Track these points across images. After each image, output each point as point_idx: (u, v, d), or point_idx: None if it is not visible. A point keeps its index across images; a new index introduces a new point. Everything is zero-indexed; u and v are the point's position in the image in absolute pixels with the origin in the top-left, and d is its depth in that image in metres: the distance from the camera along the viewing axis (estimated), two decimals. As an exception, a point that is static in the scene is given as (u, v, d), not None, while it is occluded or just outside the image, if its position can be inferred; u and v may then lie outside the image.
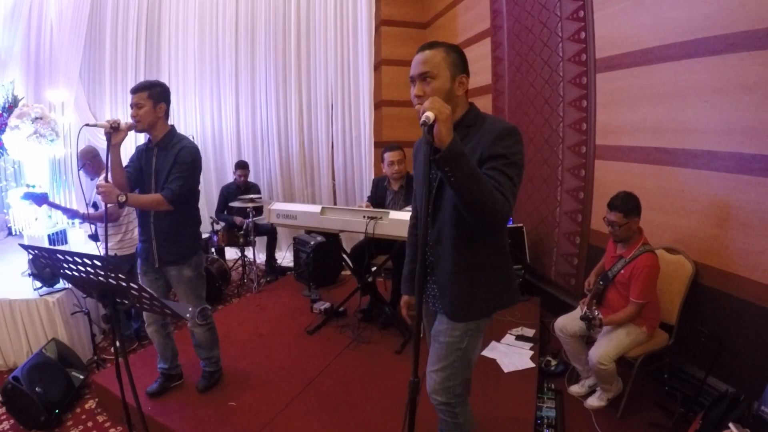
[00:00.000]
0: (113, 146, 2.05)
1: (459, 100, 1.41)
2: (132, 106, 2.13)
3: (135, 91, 2.13)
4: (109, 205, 2.95)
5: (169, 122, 2.29)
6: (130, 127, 2.07)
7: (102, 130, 2.02)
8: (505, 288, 1.51)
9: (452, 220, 1.41)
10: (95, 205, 3.14)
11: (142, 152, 2.27)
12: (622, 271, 2.29)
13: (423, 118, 1.12)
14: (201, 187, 5.93)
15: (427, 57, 1.35)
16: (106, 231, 2.31)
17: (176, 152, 2.16)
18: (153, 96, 2.13)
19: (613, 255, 2.41)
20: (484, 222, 1.26)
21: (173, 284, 2.31)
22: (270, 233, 4.66)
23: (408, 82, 1.42)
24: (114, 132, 2.01)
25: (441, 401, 1.53)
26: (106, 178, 2.04)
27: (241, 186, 4.69)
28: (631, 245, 2.32)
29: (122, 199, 2.01)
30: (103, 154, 2.22)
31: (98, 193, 1.99)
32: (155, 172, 2.20)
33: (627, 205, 2.25)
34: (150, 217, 2.21)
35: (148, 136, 2.24)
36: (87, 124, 2.15)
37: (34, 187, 3.13)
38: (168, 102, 2.21)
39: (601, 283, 2.40)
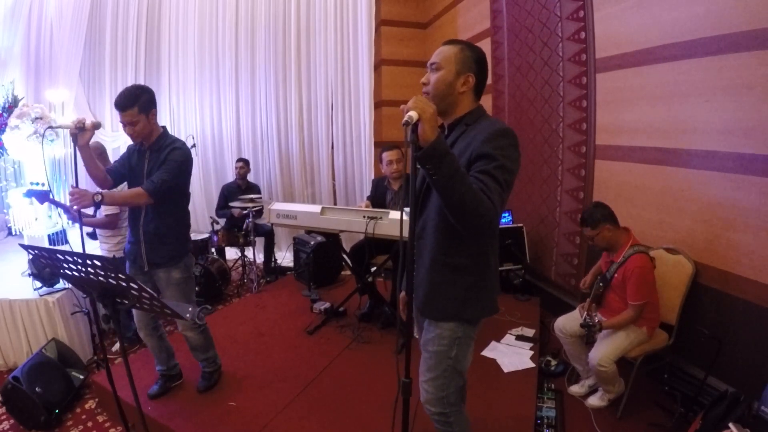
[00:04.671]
0: (81, 147, 1.94)
1: (461, 97, 1.41)
2: (124, 124, 2.05)
3: (123, 109, 2.00)
4: (108, 212, 2.95)
5: (167, 121, 2.26)
6: (95, 126, 1.97)
7: (104, 129, 1.99)
8: (479, 296, 1.43)
9: (436, 217, 1.39)
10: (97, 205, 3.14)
11: (133, 152, 2.23)
12: (616, 275, 2.31)
13: (405, 118, 1.13)
14: (201, 187, 5.94)
15: (442, 50, 1.41)
16: (95, 235, 2.25)
17: (167, 152, 2.13)
18: (143, 108, 2.04)
19: (606, 260, 2.44)
20: (467, 224, 1.23)
21: (161, 287, 2.26)
22: (267, 235, 4.66)
23: (408, 81, 1.43)
24: (80, 132, 1.91)
25: (435, 411, 1.51)
26: (76, 183, 1.95)
27: (242, 184, 4.70)
28: (619, 249, 2.34)
29: (98, 198, 1.93)
30: (111, 153, 2.17)
31: (71, 201, 1.89)
32: (147, 173, 2.16)
33: (592, 217, 2.33)
34: (140, 219, 2.18)
35: None
36: (51, 126, 2.06)
37: (37, 184, 3.12)
38: (155, 104, 2.14)
39: (600, 284, 2.40)
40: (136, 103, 2.02)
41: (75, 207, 1.91)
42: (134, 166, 2.21)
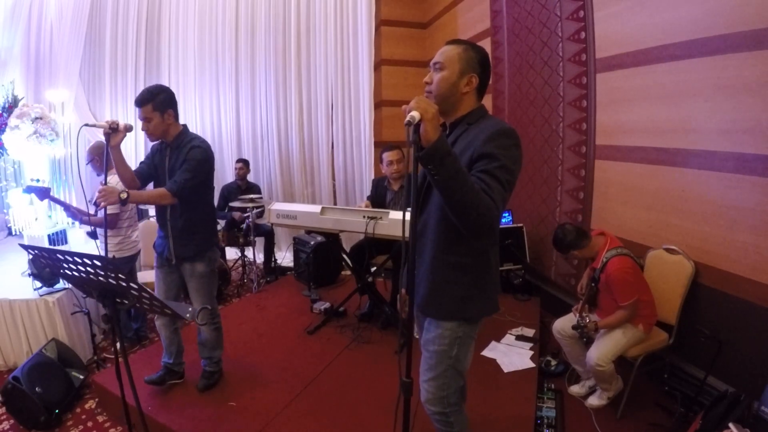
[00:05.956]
0: (113, 147, 2.05)
1: (464, 97, 1.41)
2: (141, 119, 2.13)
3: (140, 104, 2.11)
4: (108, 212, 2.95)
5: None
6: (128, 129, 2.06)
7: (101, 130, 2.02)
8: (479, 295, 1.43)
9: (437, 216, 1.40)
10: (97, 203, 3.14)
11: (156, 150, 2.30)
12: (600, 280, 2.34)
13: (408, 118, 1.13)
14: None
15: (445, 50, 1.41)
16: (105, 238, 2.30)
17: (187, 150, 2.18)
18: (158, 106, 2.12)
19: (590, 266, 2.50)
20: (468, 224, 1.23)
21: (186, 278, 2.33)
22: (267, 235, 4.66)
23: (408, 81, 1.43)
24: (113, 133, 2.00)
25: (436, 411, 1.51)
26: (104, 181, 2.03)
27: (242, 184, 4.70)
28: (596, 256, 2.37)
29: (124, 196, 2.00)
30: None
31: (99, 199, 1.96)
32: (169, 170, 2.22)
33: (558, 245, 2.44)
34: (167, 216, 2.24)
35: None
36: (86, 124, 2.14)
37: (38, 181, 3.12)
38: (174, 106, 2.20)
39: (593, 285, 2.41)
40: (152, 100, 2.11)
41: (102, 204, 1.97)
42: (157, 164, 2.27)
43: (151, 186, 2.34)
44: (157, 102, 2.12)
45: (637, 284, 2.27)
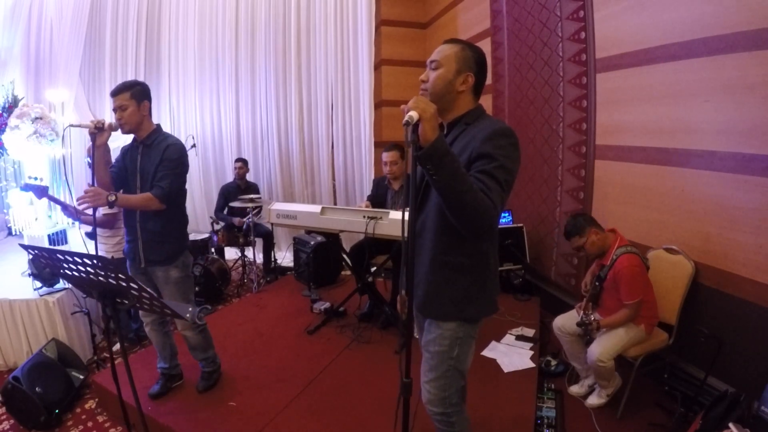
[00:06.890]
0: (98, 147, 2.00)
1: (460, 96, 1.41)
2: (115, 109, 2.09)
3: (116, 93, 2.09)
4: (106, 212, 2.94)
5: (167, 121, 2.27)
6: (112, 128, 2.03)
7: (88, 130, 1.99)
8: (479, 295, 1.43)
9: (436, 216, 1.39)
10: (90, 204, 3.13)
11: (127, 152, 2.23)
12: (607, 277, 2.33)
13: (406, 118, 1.13)
14: (201, 187, 5.94)
15: (442, 48, 1.42)
16: (95, 237, 2.26)
17: (163, 149, 2.13)
18: (135, 95, 2.09)
19: (597, 263, 2.47)
20: (467, 224, 1.23)
21: (160, 286, 2.25)
22: (266, 236, 4.66)
23: (408, 81, 1.43)
24: (98, 132, 1.98)
25: (437, 412, 1.51)
26: (93, 182, 1.99)
27: (241, 184, 4.70)
28: (607, 251, 2.36)
29: (112, 198, 1.96)
30: (113, 152, 2.17)
31: (85, 200, 1.92)
32: (141, 170, 2.16)
33: (576, 225, 2.39)
34: (136, 217, 2.17)
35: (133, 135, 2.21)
36: (72, 125, 2.12)
37: (36, 179, 3.11)
38: (150, 99, 2.18)
39: (596, 284, 2.41)
40: (130, 89, 2.10)
41: (89, 206, 1.94)
42: (128, 165, 2.21)
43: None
44: (135, 91, 2.09)
45: (644, 283, 2.27)
